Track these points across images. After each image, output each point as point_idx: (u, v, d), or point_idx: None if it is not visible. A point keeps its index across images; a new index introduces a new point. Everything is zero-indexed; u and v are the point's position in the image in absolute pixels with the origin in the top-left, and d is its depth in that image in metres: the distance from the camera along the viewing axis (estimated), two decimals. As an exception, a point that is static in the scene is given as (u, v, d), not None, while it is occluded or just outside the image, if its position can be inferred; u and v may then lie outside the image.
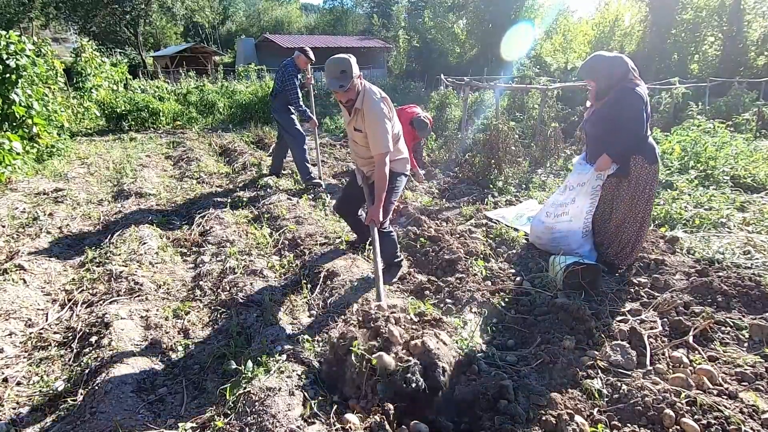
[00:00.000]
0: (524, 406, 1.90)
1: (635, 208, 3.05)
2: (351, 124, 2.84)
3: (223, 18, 43.12)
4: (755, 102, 9.88)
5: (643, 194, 3.00)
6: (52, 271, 3.33)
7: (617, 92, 2.88)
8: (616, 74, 2.87)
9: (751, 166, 5.49)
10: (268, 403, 1.81)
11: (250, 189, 5.41)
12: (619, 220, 3.11)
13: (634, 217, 3.07)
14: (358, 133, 2.81)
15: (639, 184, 2.98)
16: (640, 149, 2.93)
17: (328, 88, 2.62)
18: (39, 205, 4.77)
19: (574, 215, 3.25)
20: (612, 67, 2.89)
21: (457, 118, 8.71)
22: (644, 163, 2.93)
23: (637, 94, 2.83)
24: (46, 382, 2.20)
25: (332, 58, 2.64)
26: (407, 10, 32.99)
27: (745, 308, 2.63)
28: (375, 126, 2.68)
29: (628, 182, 3.00)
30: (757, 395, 1.96)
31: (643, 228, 3.11)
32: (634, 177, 2.98)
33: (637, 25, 20.45)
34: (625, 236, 3.13)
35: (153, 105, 10.38)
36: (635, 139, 2.88)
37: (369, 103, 2.69)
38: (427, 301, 2.83)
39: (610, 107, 2.93)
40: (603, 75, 2.90)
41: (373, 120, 2.68)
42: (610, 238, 3.20)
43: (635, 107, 2.82)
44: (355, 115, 2.77)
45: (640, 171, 2.95)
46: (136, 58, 28.49)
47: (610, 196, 3.12)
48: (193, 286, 3.18)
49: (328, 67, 2.62)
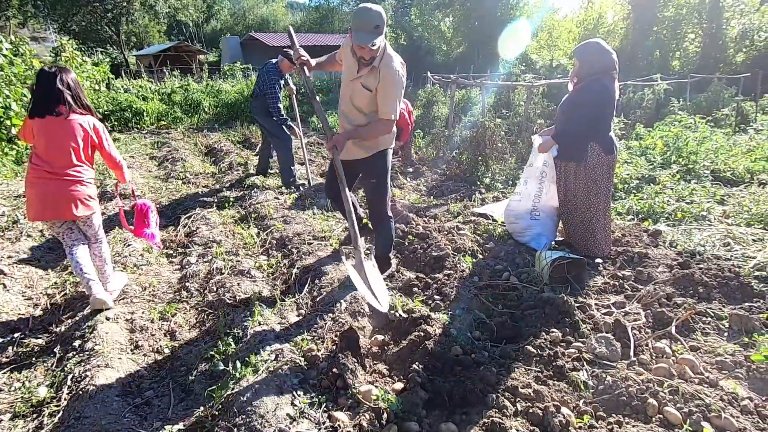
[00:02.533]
0: (510, 398, 1.92)
1: (595, 198, 3.15)
2: (358, 81, 2.54)
3: (207, 16, 42.53)
4: (734, 98, 10.12)
5: (598, 183, 3.10)
6: (33, 275, 3.26)
7: (590, 81, 2.99)
8: (600, 63, 2.97)
9: (731, 160, 5.62)
10: (256, 403, 1.80)
11: (236, 189, 5.36)
12: (582, 213, 3.22)
13: (596, 207, 3.16)
14: (364, 93, 2.53)
15: (594, 172, 3.08)
16: (598, 139, 3.03)
17: (356, 42, 2.35)
18: (19, 207, 4.65)
19: (524, 195, 3.50)
20: (602, 56, 2.98)
21: (444, 115, 8.74)
22: (600, 151, 3.04)
23: (606, 89, 2.94)
24: (28, 389, 2.15)
25: (364, 7, 2.33)
26: (394, 8, 32.95)
27: (725, 299, 2.70)
28: (392, 89, 2.49)
29: (584, 169, 3.09)
30: (737, 383, 2.01)
31: (606, 216, 3.22)
32: (590, 164, 3.07)
33: (620, 23, 20.80)
34: (591, 226, 3.23)
35: (136, 105, 10.20)
36: (586, 126, 2.99)
37: (391, 65, 2.47)
38: (416, 298, 2.85)
39: (577, 92, 3.05)
40: (589, 60, 3.00)
41: (391, 83, 2.48)
42: (582, 233, 3.29)
43: (598, 99, 2.93)
44: (370, 73, 2.50)
45: (596, 159, 3.06)
46: (118, 57, 27.95)
47: (568, 184, 3.21)
48: (180, 287, 3.14)
49: (360, 19, 2.31)
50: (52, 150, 2.51)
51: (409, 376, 2.02)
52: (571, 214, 3.26)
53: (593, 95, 2.96)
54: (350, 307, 2.63)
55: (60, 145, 2.52)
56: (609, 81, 2.97)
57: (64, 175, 2.53)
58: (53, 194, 2.52)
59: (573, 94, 3.10)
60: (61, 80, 2.51)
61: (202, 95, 11.77)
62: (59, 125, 2.51)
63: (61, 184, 2.52)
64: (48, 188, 2.51)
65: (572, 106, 3.05)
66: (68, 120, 2.52)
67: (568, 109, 3.09)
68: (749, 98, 10.71)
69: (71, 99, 2.53)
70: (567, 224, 3.37)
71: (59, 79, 2.50)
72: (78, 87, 2.60)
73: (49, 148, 2.51)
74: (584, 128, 3.04)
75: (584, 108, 2.99)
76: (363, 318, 2.58)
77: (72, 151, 2.54)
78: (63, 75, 2.53)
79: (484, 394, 1.92)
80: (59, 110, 2.49)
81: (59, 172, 2.52)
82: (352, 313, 2.59)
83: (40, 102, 2.50)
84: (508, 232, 3.74)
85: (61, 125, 2.51)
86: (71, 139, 2.53)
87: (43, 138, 2.50)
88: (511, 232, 3.69)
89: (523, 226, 3.56)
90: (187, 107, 11.42)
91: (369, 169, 2.81)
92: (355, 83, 2.56)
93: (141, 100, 10.80)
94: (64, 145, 2.52)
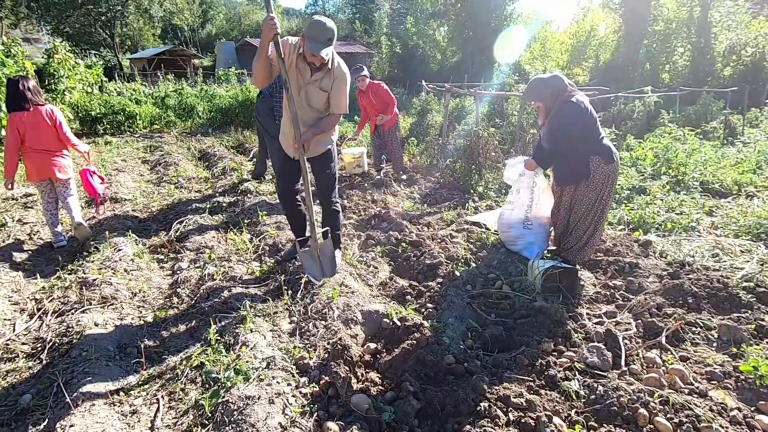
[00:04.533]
0: (503, 408, 1.92)
1: (600, 209, 3.18)
2: (313, 84, 2.75)
3: (202, 21, 42.58)
4: (722, 111, 10.31)
5: (601, 192, 3.13)
6: (20, 279, 3.21)
7: (558, 106, 3.10)
8: (558, 90, 3.11)
9: (719, 172, 5.72)
10: (247, 411, 1.78)
11: (229, 194, 5.33)
12: (576, 217, 3.24)
13: (591, 215, 3.19)
14: (322, 93, 2.78)
15: (598, 183, 3.11)
16: (595, 150, 3.09)
17: (310, 51, 2.53)
18: (7, 210, 4.59)
19: (517, 205, 3.56)
20: (553, 85, 3.12)
21: (438, 124, 8.80)
22: (601, 162, 3.08)
23: (571, 104, 3.04)
24: (13, 396, 2.11)
25: (318, 20, 2.54)
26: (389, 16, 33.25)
27: (714, 309, 2.73)
28: (345, 88, 2.82)
29: (591, 182, 3.13)
30: (726, 393, 2.03)
31: (598, 226, 3.24)
32: (596, 178, 3.11)
33: (612, 35, 21.14)
34: (577, 232, 3.25)
35: (129, 108, 10.14)
36: (574, 145, 3.08)
37: (342, 67, 2.80)
38: (409, 306, 2.84)
39: (549, 123, 3.16)
40: (547, 94, 3.15)
41: (344, 81, 2.80)
42: (566, 234, 3.32)
43: (569, 116, 3.04)
44: (325, 75, 2.74)
45: (601, 171, 3.10)
46: (112, 60, 27.81)
47: (575, 199, 3.23)
48: (171, 293, 3.11)
49: (316, 31, 2.52)
50: (35, 133, 3.65)
51: (401, 385, 2.02)
52: (576, 225, 3.25)
53: (563, 117, 3.06)
54: (343, 314, 2.62)
55: (38, 128, 3.65)
56: (569, 99, 3.07)
57: (44, 151, 3.69)
58: (40, 163, 3.70)
59: (546, 128, 3.20)
60: (23, 85, 3.65)
61: (196, 99, 11.74)
62: (33, 115, 3.63)
63: (45, 156, 3.70)
64: (37, 159, 3.69)
65: (551, 136, 3.14)
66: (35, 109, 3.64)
67: (550, 139, 3.16)
68: (737, 111, 10.93)
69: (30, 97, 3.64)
70: (566, 235, 3.35)
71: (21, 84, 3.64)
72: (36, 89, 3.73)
73: (32, 133, 3.63)
74: (574, 147, 3.09)
75: (561, 132, 3.07)
76: (356, 326, 2.57)
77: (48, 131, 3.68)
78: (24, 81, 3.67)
79: (477, 404, 1.92)
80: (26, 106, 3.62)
81: (43, 148, 3.69)
82: (345, 320, 2.58)
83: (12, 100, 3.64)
84: (501, 241, 3.76)
85: (34, 114, 3.63)
86: (44, 123, 3.66)
87: (27, 127, 3.61)
88: (504, 241, 3.71)
89: (515, 235, 3.59)
90: (180, 111, 11.38)
91: (324, 162, 3.10)
92: (310, 87, 2.78)
93: (134, 103, 10.75)
94: (41, 127, 3.65)
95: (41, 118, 3.63)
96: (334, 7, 45.79)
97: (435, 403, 1.94)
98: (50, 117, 3.66)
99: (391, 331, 2.51)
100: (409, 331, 2.45)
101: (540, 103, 3.22)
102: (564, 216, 3.32)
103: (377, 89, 5.89)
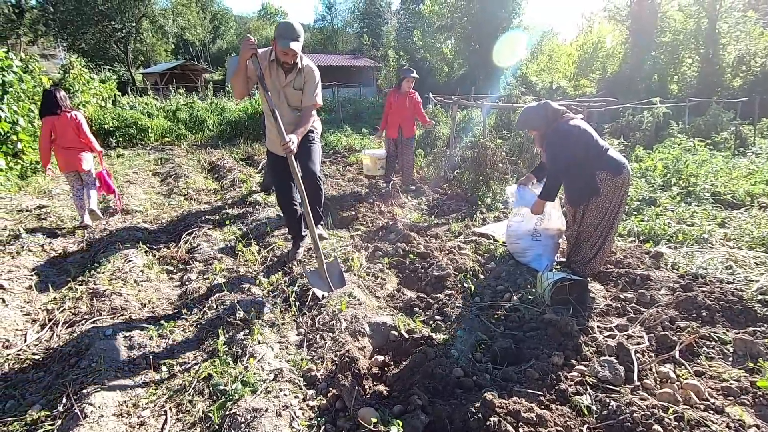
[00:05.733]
0: (513, 422, 1.89)
1: (610, 222, 3.15)
2: (289, 86, 3.13)
3: (213, 36, 43.50)
4: (732, 121, 10.23)
5: (610, 204, 3.11)
6: (33, 290, 3.25)
7: (551, 133, 3.13)
8: (544, 118, 3.16)
9: (731, 183, 5.65)
10: (254, 424, 1.78)
11: (238, 206, 5.38)
12: (585, 229, 3.21)
13: (602, 227, 3.16)
14: (297, 92, 3.15)
15: (607, 196, 3.10)
16: (599, 165, 3.08)
17: (282, 47, 2.89)
18: (21, 222, 4.67)
19: (526, 217, 3.55)
20: (544, 112, 3.16)
21: (445, 135, 8.82)
22: (608, 176, 3.07)
23: (567, 125, 3.08)
24: (23, 406, 2.12)
25: (288, 22, 2.93)
26: (397, 30, 33.70)
27: (729, 322, 2.67)
28: (316, 81, 3.18)
29: (600, 197, 3.11)
30: (743, 410, 1.98)
31: (608, 237, 3.21)
32: (605, 193, 3.09)
33: (619, 47, 21.15)
34: (588, 245, 3.22)
35: (141, 121, 10.35)
36: (577, 164, 3.10)
37: (311, 64, 3.19)
38: (417, 318, 2.82)
39: (548, 149, 3.19)
40: (539, 122, 3.19)
41: (315, 77, 3.17)
42: (576, 246, 3.30)
43: (566, 137, 3.07)
44: (297, 75, 3.11)
45: (609, 185, 3.08)
46: (125, 74, 28.47)
47: (586, 214, 3.21)
48: (179, 304, 3.12)
49: (287, 30, 2.88)
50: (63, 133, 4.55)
51: (409, 398, 1.99)
52: (586, 238, 3.23)
53: (560, 139, 3.08)
54: (350, 326, 2.61)
55: (65, 129, 4.55)
56: (565, 121, 3.09)
57: (70, 148, 4.61)
58: (67, 157, 4.62)
59: (547, 153, 3.22)
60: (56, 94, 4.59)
61: (206, 113, 11.94)
62: (61, 119, 4.54)
63: (71, 152, 4.62)
64: (65, 154, 4.62)
65: (553, 159, 3.15)
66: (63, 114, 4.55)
67: (552, 162, 3.18)
68: (747, 122, 10.83)
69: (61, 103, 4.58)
70: (576, 247, 3.32)
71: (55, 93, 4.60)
72: (65, 97, 4.68)
73: (61, 133, 4.54)
74: (580, 165, 3.10)
75: (562, 153, 3.08)
76: (363, 338, 2.56)
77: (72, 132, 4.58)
78: (57, 91, 4.63)
79: (486, 419, 1.89)
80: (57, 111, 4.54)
81: (69, 146, 4.60)
82: (353, 332, 2.57)
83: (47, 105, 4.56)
84: (510, 253, 3.74)
85: (62, 119, 4.54)
86: (70, 126, 4.55)
87: (57, 128, 4.51)
88: (512, 253, 3.69)
89: (524, 246, 3.57)
90: (191, 124, 11.58)
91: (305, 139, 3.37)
92: (287, 89, 3.15)
93: (146, 116, 10.96)
94: (67, 129, 4.55)
95: (67, 121, 4.53)
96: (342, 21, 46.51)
97: (443, 418, 1.91)
98: (74, 120, 4.55)
99: (398, 344, 2.49)
100: (417, 344, 2.43)
101: (534, 131, 3.29)
102: (574, 229, 3.30)
103: (415, 101, 6.07)
